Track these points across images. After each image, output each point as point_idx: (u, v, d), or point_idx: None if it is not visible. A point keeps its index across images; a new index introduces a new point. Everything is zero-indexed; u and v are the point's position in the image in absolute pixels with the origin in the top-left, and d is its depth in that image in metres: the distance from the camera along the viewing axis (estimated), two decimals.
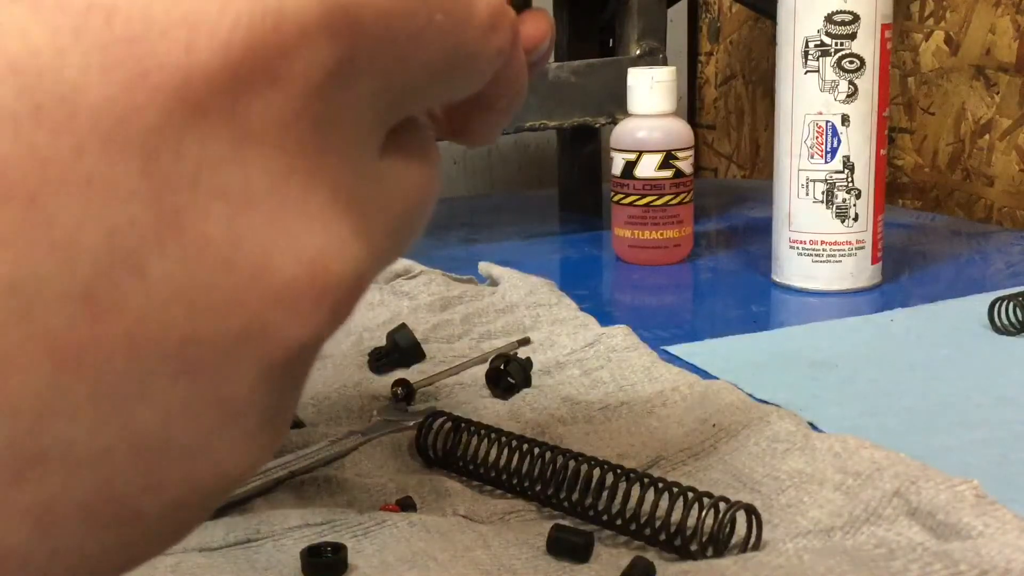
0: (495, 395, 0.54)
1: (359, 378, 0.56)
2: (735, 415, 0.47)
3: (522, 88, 0.27)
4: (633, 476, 0.39)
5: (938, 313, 0.66)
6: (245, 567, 0.37)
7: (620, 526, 0.39)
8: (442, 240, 0.97)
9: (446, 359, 0.59)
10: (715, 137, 1.42)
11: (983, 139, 1.00)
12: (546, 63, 0.29)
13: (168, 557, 0.38)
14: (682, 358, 0.60)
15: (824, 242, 0.72)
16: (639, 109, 0.82)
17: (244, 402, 0.16)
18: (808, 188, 0.72)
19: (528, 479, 0.42)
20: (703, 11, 1.40)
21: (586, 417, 0.51)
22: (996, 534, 0.34)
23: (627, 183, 0.83)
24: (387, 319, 0.65)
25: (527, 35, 0.28)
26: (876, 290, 0.74)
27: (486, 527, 0.40)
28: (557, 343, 0.59)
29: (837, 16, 0.69)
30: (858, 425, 0.49)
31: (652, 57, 0.90)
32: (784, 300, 0.74)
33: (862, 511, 0.38)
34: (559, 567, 0.37)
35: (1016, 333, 0.61)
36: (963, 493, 0.36)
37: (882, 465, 0.40)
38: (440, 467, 0.46)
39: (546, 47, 0.29)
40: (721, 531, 0.36)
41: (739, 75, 1.35)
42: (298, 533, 0.39)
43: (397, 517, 0.39)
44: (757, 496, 0.41)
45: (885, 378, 0.55)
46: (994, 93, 0.98)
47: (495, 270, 0.72)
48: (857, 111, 0.70)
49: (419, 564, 0.36)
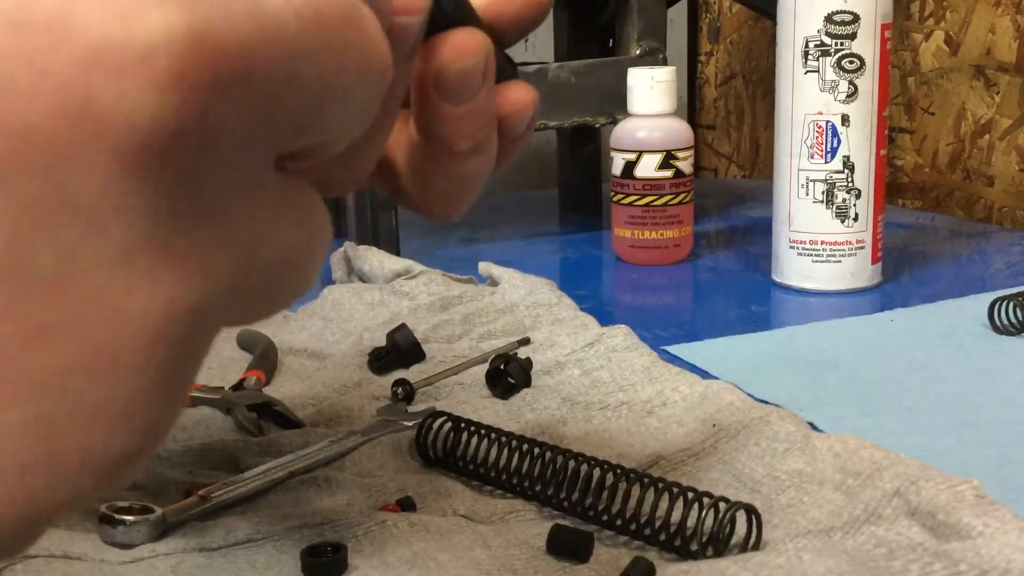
0: (495, 395, 0.54)
1: (359, 378, 0.56)
2: (735, 415, 0.47)
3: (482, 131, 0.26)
4: (633, 476, 0.39)
5: (938, 313, 0.66)
6: (245, 567, 0.37)
7: (620, 526, 0.39)
8: (442, 240, 0.97)
9: (446, 359, 0.59)
10: (715, 137, 1.42)
11: (983, 139, 0.99)
12: (530, 136, 0.29)
13: (168, 557, 0.38)
14: (682, 358, 0.60)
15: (824, 242, 0.72)
16: (639, 109, 0.82)
17: (99, 202, 0.16)
18: (808, 188, 0.72)
19: (528, 479, 0.42)
20: (703, 11, 1.40)
21: (586, 417, 0.51)
22: (996, 534, 0.34)
23: (627, 183, 0.83)
24: (387, 319, 0.65)
25: (512, 101, 0.27)
26: (876, 290, 0.74)
27: (486, 527, 0.40)
28: (557, 343, 0.59)
29: (837, 16, 0.69)
30: (858, 425, 0.49)
31: (652, 57, 0.90)
32: (784, 300, 0.74)
33: (862, 511, 0.38)
34: (559, 567, 0.37)
35: (1016, 333, 0.61)
36: (963, 493, 0.36)
37: (882, 465, 0.40)
38: (440, 467, 0.46)
39: (530, 115, 0.28)
40: (721, 531, 0.36)
41: (739, 75, 1.35)
42: (298, 533, 0.39)
43: (397, 517, 0.39)
44: (757, 496, 0.41)
45: (885, 378, 0.55)
46: (994, 93, 0.98)
47: (495, 270, 0.72)
48: (857, 111, 0.70)
49: (419, 564, 0.36)
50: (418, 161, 0.27)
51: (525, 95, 0.27)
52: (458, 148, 0.26)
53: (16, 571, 0.36)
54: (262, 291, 0.20)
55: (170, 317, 0.17)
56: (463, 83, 0.25)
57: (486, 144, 0.27)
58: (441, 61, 0.24)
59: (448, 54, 0.24)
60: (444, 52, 0.24)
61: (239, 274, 0.18)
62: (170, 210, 0.16)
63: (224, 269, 0.18)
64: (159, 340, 0.17)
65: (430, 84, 0.25)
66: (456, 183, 0.27)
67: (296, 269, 0.20)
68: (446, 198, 0.28)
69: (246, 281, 0.19)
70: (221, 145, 0.17)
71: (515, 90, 0.27)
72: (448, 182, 0.27)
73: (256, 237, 0.19)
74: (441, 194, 0.28)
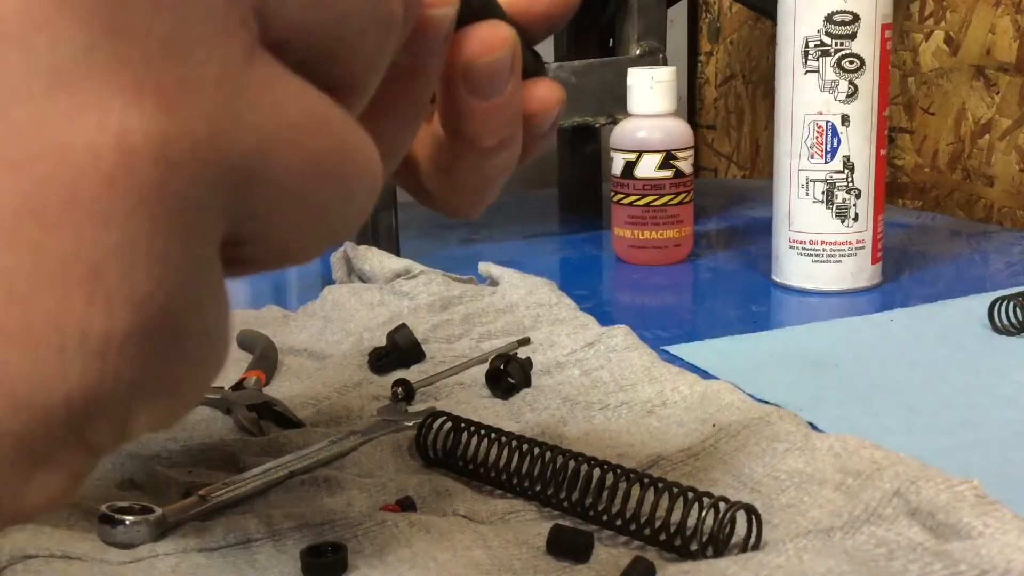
0: (495, 395, 0.54)
1: (359, 378, 0.56)
2: (735, 415, 0.47)
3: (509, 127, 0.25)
4: (633, 476, 0.39)
5: (938, 313, 0.66)
6: (245, 567, 0.37)
7: (620, 526, 0.39)
8: (442, 240, 0.97)
9: (446, 359, 0.59)
10: (715, 137, 1.42)
11: (983, 139, 0.99)
12: (554, 135, 0.28)
13: (168, 557, 0.38)
14: (682, 358, 0.60)
15: (824, 242, 0.72)
16: (639, 109, 0.82)
17: (16, 8, 0.14)
18: (808, 188, 0.72)
19: (528, 479, 0.42)
20: (703, 11, 1.40)
21: (586, 417, 0.51)
22: (996, 534, 0.34)
23: (627, 183, 0.83)
24: (387, 319, 0.65)
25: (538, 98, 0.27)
26: (876, 290, 0.74)
27: (486, 527, 0.40)
28: (557, 343, 0.59)
29: (837, 16, 0.69)
30: (858, 425, 0.49)
31: (652, 57, 0.90)
32: (784, 300, 0.74)
33: (862, 511, 0.38)
34: (559, 567, 0.37)
35: (1016, 333, 0.61)
36: (963, 493, 0.36)
37: (882, 465, 0.40)
38: (440, 467, 0.46)
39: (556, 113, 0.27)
40: (721, 531, 0.36)
41: (739, 75, 1.35)
42: (298, 533, 0.39)
43: (397, 517, 0.39)
44: (757, 496, 0.41)
45: (885, 378, 0.55)
46: (994, 93, 0.98)
47: (495, 270, 0.72)
48: (857, 111, 0.70)
49: (419, 564, 0.36)
50: (442, 158, 0.27)
51: (552, 93, 0.27)
52: (484, 144, 0.26)
53: (16, 571, 0.36)
54: (279, 197, 0.17)
55: (125, 154, 0.15)
56: (491, 77, 0.24)
57: (511, 140, 0.26)
58: (469, 54, 0.24)
59: (476, 47, 0.24)
60: (472, 45, 0.24)
61: (222, 139, 0.16)
62: (106, 26, 0.15)
63: (194, 117, 0.15)
64: (117, 182, 0.14)
65: (457, 78, 0.24)
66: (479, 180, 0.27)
67: (322, 181, 0.18)
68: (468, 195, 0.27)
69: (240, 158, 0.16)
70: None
71: (542, 87, 0.27)
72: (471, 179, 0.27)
73: (242, 104, 0.16)
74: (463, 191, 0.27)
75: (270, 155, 0.17)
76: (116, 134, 0.14)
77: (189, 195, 0.15)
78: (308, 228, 0.19)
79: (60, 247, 0.14)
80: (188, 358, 0.16)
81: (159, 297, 0.15)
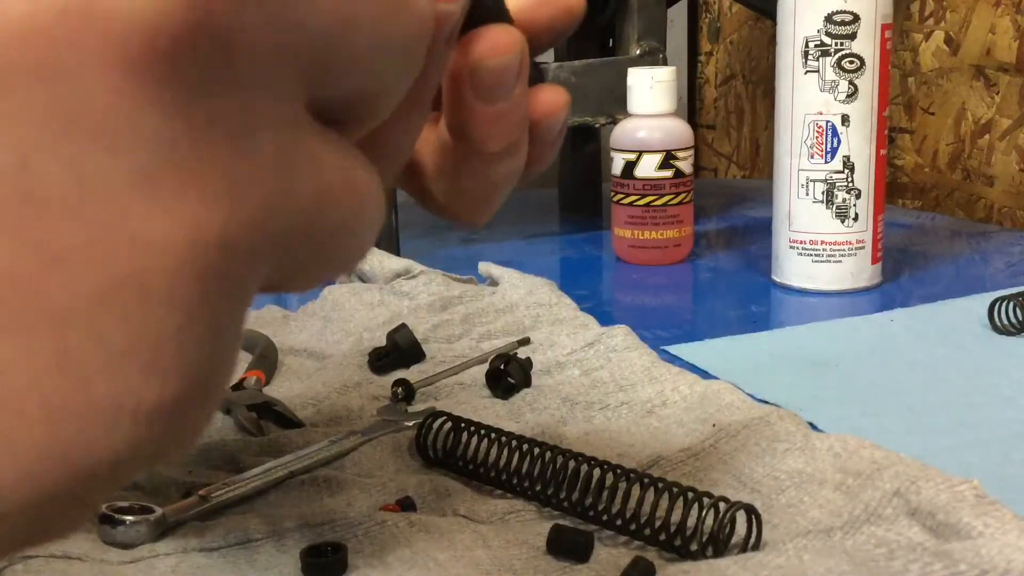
0: (495, 395, 0.54)
1: (359, 378, 0.56)
2: (735, 415, 0.47)
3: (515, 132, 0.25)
4: (633, 476, 0.39)
5: (938, 313, 0.66)
6: (245, 567, 0.37)
7: (620, 526, 0.39)
8: (442, 240, 0.97)
9: (446, 359, 0.59)
10: (715, 137, 1.42)
11: (983, 139, 0.99)
12: (561, 141, 0.28)
13: (168, 557, 0.38)
14: (682, 358, 0.60)
15: (824, 242, 0.72)
16: (639, 109, 0.82)
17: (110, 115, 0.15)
18: (808, 188, 0.72)
19: (528, 479, 0.42)
20: (703, 11, 1.40)
21: (586, 417, 0.51)
22: (996, 534, 0.34)
23: (627, 183, 0.83)
24: (387, 319, 0.65)
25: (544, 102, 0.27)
26: (876, 290, 0.74)
27: (486, 527, 0.40)
28: (557, 343, 0.59)
29: (837, 16, 0.69)
30: (858, 425, 0.49)
31: (652, 57, 0.90)
32: (784, 300, 0.74)
33: (862, 511, 0.38)
34: (559, 567, 0.37)
35: (1016, 333, 0.61)
36: (963, 493, 0.36)
37: (882, 465, 0.40)
38: (440, 467, 0.46)
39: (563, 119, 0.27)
40: (721, 531, 0.36)
41: (739, 75, 1.35)
42: (298, 533, 0.39)
43: (397, 517, 0.39)
44: (757, 496, 0.41)
45: (885, 378, 0.55)
46: (994, 93, 0.98)
47: (495, 270, 0.72)
48: (857, 111, 0.70)
49: (419, 564, 0.36)
50: (447, 163, 0.27)
51: (558, 98, 0.27)
52: (490, 149, 0.25)
53: (16, 571, 0.36)
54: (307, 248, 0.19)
55: (197, 246, 0.15)
56: (498, 80, 0.24)
57: (517, 147, 0.26)
58: (477, 57, 0.24)
59: (484, 50, 0.24)
60: (480, 48, 0.24)
61: (275, 216, 0.17)
62: (188, 128, 0.15)
63: (255, 201, 0.16)
64: (187, 272, 0.15)
65: (464, 81, 0.24)
66: (485, 186, 0.27)
67: (343, 231, 0.19)
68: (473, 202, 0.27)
69: (285, 227, 0.17)
70: (239, 58, 0.16)
71: (547, 93, 0.27)
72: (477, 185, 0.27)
73: (292, 179, 0.17)
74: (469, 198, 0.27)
75: (311, 223, 0.18)
76: (190, 229, 0.15)
77: (243, 273, 0.17)
78: (318, 269, 0.20)
79: (128, 333, 0.15)
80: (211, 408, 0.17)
81: (206, 364, 0.16)
